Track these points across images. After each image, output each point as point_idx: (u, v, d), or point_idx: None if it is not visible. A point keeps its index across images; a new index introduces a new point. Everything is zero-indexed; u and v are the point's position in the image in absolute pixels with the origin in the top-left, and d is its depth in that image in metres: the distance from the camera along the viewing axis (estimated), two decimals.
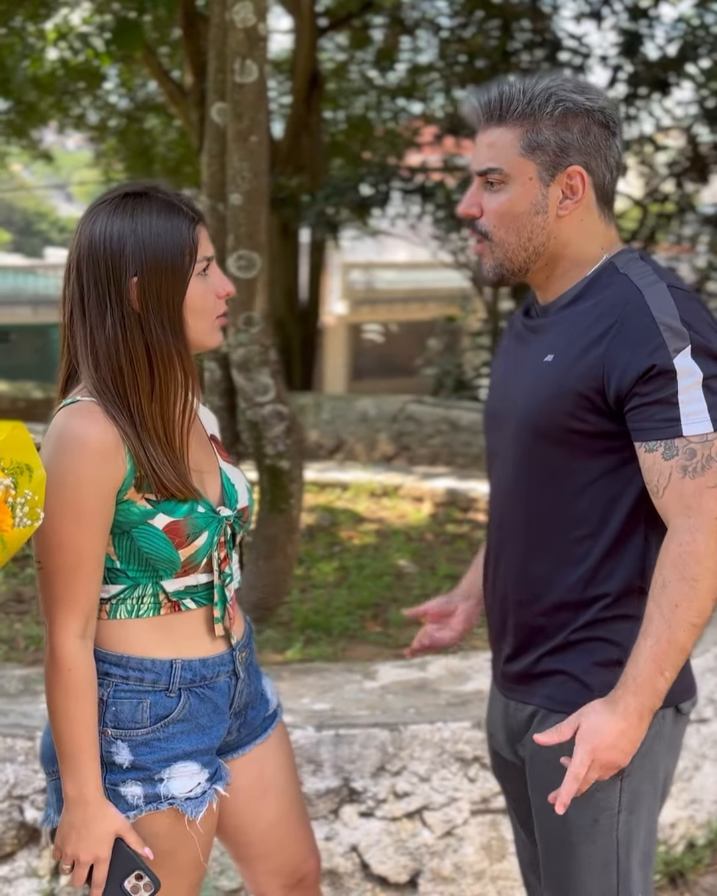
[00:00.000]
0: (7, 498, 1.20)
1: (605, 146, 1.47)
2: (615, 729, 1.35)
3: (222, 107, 3.16)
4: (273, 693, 1.69)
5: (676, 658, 1.35)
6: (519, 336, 1.59)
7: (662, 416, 1.37)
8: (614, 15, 7.92)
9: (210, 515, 1.46)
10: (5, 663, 2.91)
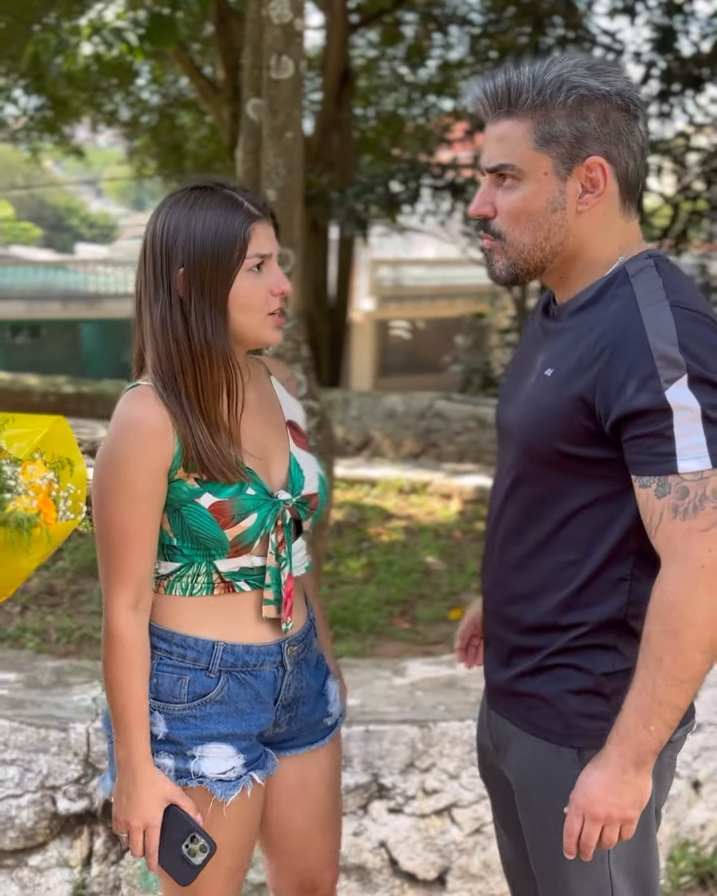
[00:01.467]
0: (51, 492, 1.22)
1: (627, 131, 1.34)
2: (597, 782, 1.31)
3: (258, 103, 3.17)
4: (337, 699, 1.68)
5: (662, 713, 1.28)
6: (535, 337, 1.52)
7: (656, 450, 1.27)
8: (648, 10, 7.85)
9: (262, 498, 1.48)
10: (38, 655, 2.93)
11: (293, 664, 1.58)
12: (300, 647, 1.59)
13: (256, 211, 1.46)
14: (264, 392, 1.60)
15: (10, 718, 2.31)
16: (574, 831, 1.34)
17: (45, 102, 10.44)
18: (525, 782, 1.45)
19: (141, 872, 2.33)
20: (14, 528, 1.21)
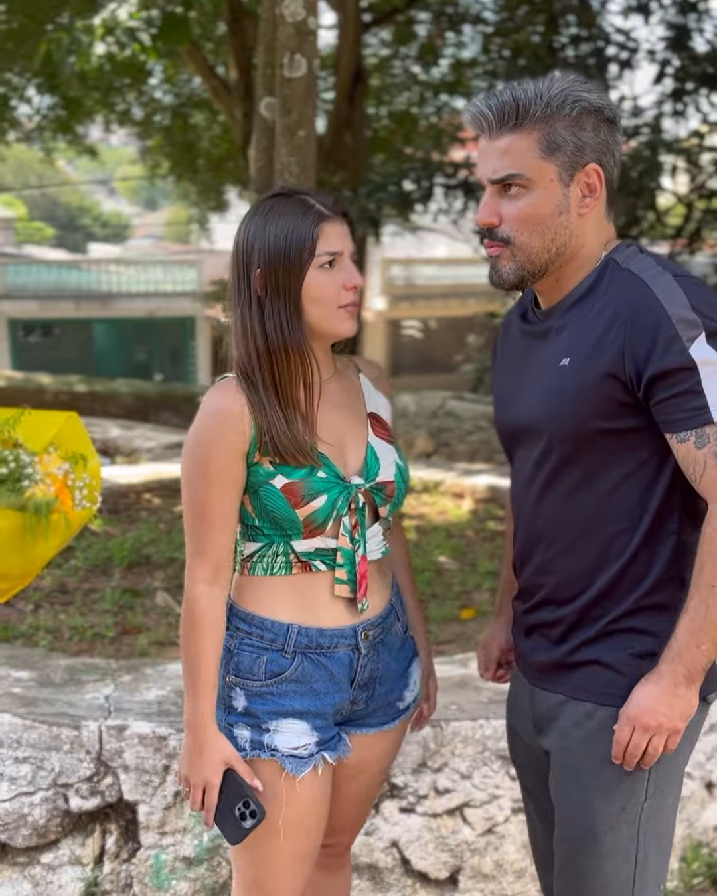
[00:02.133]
0: (67, 481, 1.26)
1: (612, 141, 1.50)
2: (648, 694, 1.43)
3: (271, 101, 3.16)
4: (417, 684, 1.77)
5: (713, 633, 1.41)
6: (518, 342, 1.61)
7: (689, 406, 1.39)
8: (662, 9, 7.82)
9: (332, 481, 1.59)
10: (51, 653, 2.94)
11: (369, 647, 1.66)
12: (377, 630, 1.67)
13: (326, 212, 1.58)
14: (349, 385, 1.70)
15: (23, 716, 2.31)
16: (624, 740, 1.45)
17: (59, 102, 10.47)
18: (568, 743, 1.52)
19: (153, 871, 2.33)
20: (33, 513, 1.26)
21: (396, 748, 1.79)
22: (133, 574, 3.92)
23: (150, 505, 4.88)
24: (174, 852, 2.33)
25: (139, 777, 2.30)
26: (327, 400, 1.64)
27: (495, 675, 1.83)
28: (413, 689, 1.76)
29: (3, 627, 3.26)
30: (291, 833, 1.62)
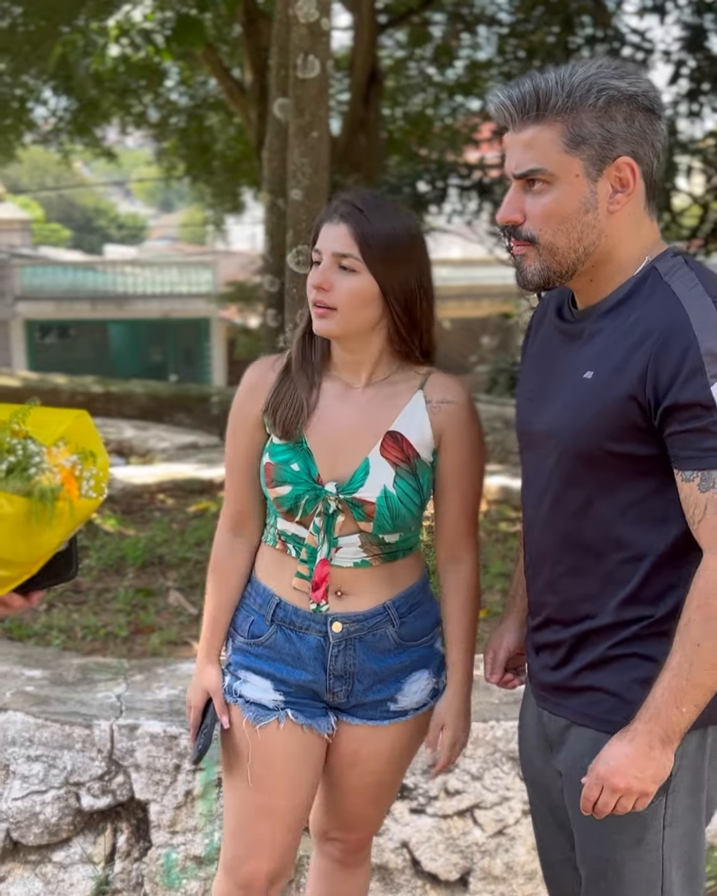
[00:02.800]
0: (74, 471, 1.29)
1: (651, 131, 1.38)
2: (621, 754, 1.36)
3: (284, 102, 3.16)
4: (422, 693, 1.75)
5: (695, 695, 1.33)
6: (551, 339, 1.52)
7: (701, 445, 1.31)
8: (677, 9, 7.79)
9: (302, 477, 1.65)
10: (63, 652, 2.95)
11: (341, 639, 1.69)
12: (356, 626, 1.69)
13: (331, 213, 1.63)
14: (386, 397, 1.67)
15: (36, 715, 2.32)
16: (592, 797, 1.40)
17: (75, 104, 10.52)
18: (580, 772, 1.46)
19: (164, 869, 2.34)
20: (38, 499, 1.28)
21: (395, 751, 1.78)
22: (146, 574, 3.93)
23: (163, 505, 4.89)
24: (185, 851, 2.33)
25: (150, 776, 2.31)
26: (346, 405, 1.67)
27: (503, 680, 1.73)
28: (412, 696, 1.75)
29: (16, 626, 3.27)
30: (258, 787, 1.71)
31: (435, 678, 1.78)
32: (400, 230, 1.61)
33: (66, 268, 22.77)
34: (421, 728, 1.79)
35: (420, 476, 1.67)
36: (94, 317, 21.33)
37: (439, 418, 1.67)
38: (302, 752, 1.72)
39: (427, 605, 1.77)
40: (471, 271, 21.08)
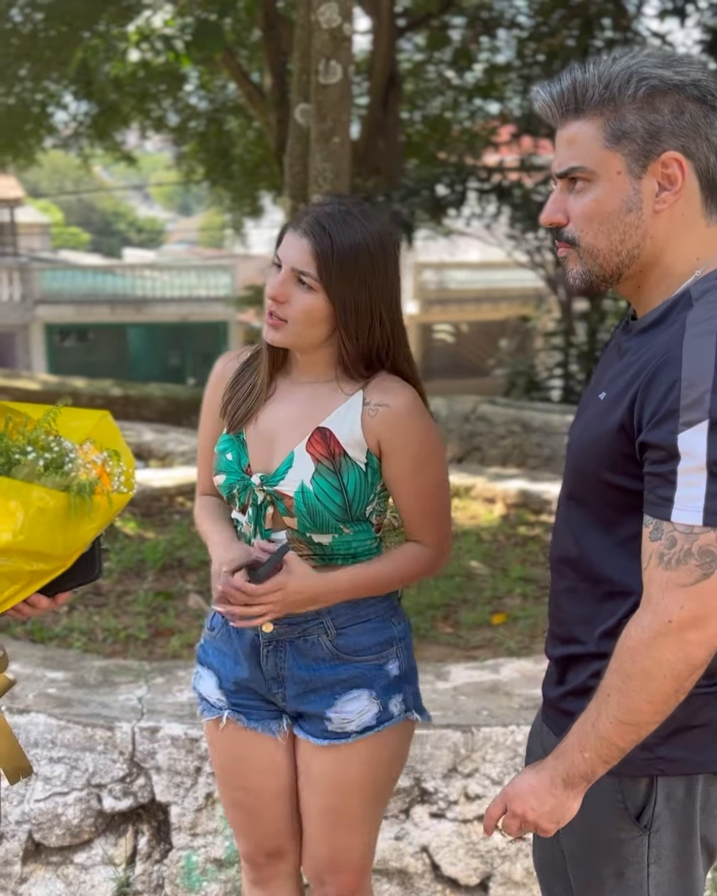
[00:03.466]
0: (105, 468, 1.33)
1: (705, 124, 1.27)
2: (526, 783, 1.34)
3: (306, 108, 3.18)
4: (362, 715, 1.68)
5: (599, 746, 1.27)
6: (612, 353, 1.45)
7: (659, 492, 1.24)
8: (698, 12, 7.77)
9: (234, 467, 1.68)
10: (85, 654, 2.97)
11: (270, 639, 1.68)
12: (286, 629, 1.66)
13: (298, 222, 1.59)
14: (326, 395, 1.65)
15: (58, 717, 2.34)
16: (494, 816, 1.39)
17: (95, 108, 10.58)
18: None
19: (184, 872, 2.34)
20: (76, 492, 1.33)
21: (339, 777, 1.70)
22: (166, 577, 3.95)
23: (182, 508, 4.91)
24: (205, 854, 2.34)
25: (171, 778, 2.32)
26: (288, 400, 1.67)
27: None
28: (350, 717, 1.67)
29: (38, 629, 3.29)
30: (222, 779, 1.80)
31: (379, 701, 1.68)
32: (362, 250, 1.55)
33: (86, 271, 22.90)
34: (371, 757, 1.70)
35: (344, 476, 1.61)
36: (113, 320, 21.42)
37: (374, 421, 1.61)
38: (252, 755, 1.72)
39: (379, 623, 1.68)
40: (490, 274, 21.05)
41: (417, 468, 1.64)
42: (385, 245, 1.58)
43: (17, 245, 23.63)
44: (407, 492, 1.65)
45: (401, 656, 1.72)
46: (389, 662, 1.70)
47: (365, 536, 1.68)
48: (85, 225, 38.19)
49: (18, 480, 1.32)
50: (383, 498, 1.69)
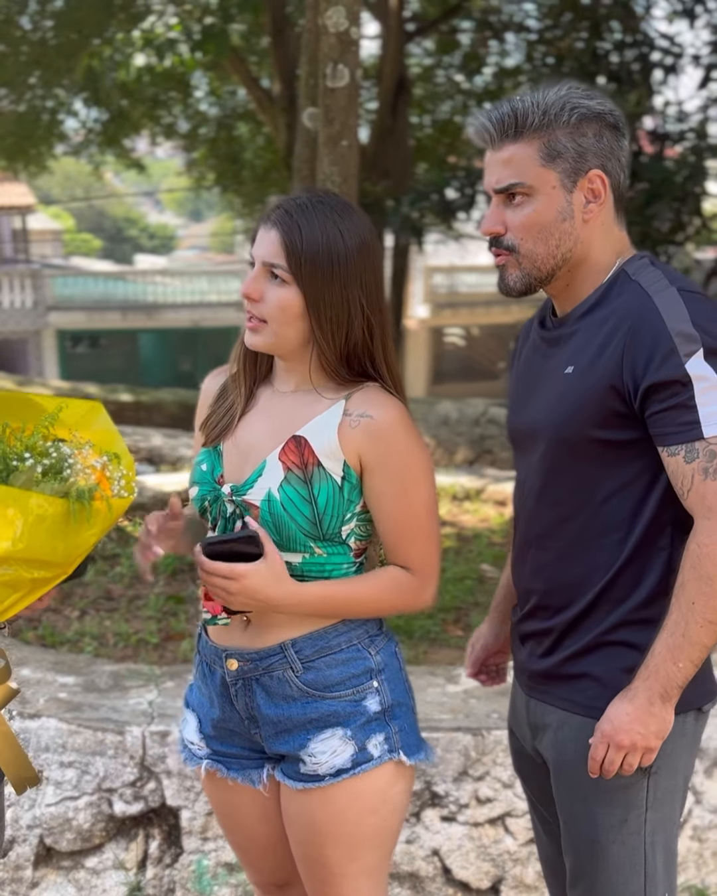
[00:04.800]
0: (105, 472, 1.32)
1: (617, 147, 1.50)
2: (623, 712, 1.42)
3: (314, 112, 3.18)
4: (336, 757, 1.54)
5: (691, 652, 1.39)
6: (536, 348, 1.61)
7: (681, 420, 1.39)
8: (707, 13, 7.75)
9: (206, 479, 1.61)
10: (96, 659, 2.97)
11: (237, 678, 1.57)
12: (250, 666, 1.55)
13: (267, 215, 1.53)
14: (305, 404, 1.56)
15: (69, 721, 2.34)
16: (599, 757, 1.44)
17: (105, 115, 10.63)
18: (567, 758, 1.52)
19: (195, 876, 2.34)
20: (76, 499, 1.32)
21: (316, 823, 1.55)
22: (176, 581, 3.95)
23: None
24: (216, 858, 2.34)
25: (182, 782, 2.32)
26: (266, 409, 1.60)
27: (477, 676, 1.82)
28: (322, 758, 1.54)
29: (49, 633, 3.30)
30: (218, 820, 1.75)
31: (354, 741, 1.53)
32: (335, 241, 1.46)
33: (97, 278, 22.97)
34: (346, 804, 1.54)
35: (315, 487, 1.50)
36: (124, 326, 21.48)
37: (354, 432, 1.50)
38: (242, 803, 1.65)
39: (351, 653, 1.54)
40: None
41: (400, 487, 1.51)
42: (362, 236, 1.50)
43: (29, 252, 23.75)
44: (387, 511, 1.52)
45: (383, 690, 1.56)
46: (367, 698, 1.54)
47: (341, 560, 1.54)
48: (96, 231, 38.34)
49: (16, 488, 1.30)
50: (363, 521, 1.55)
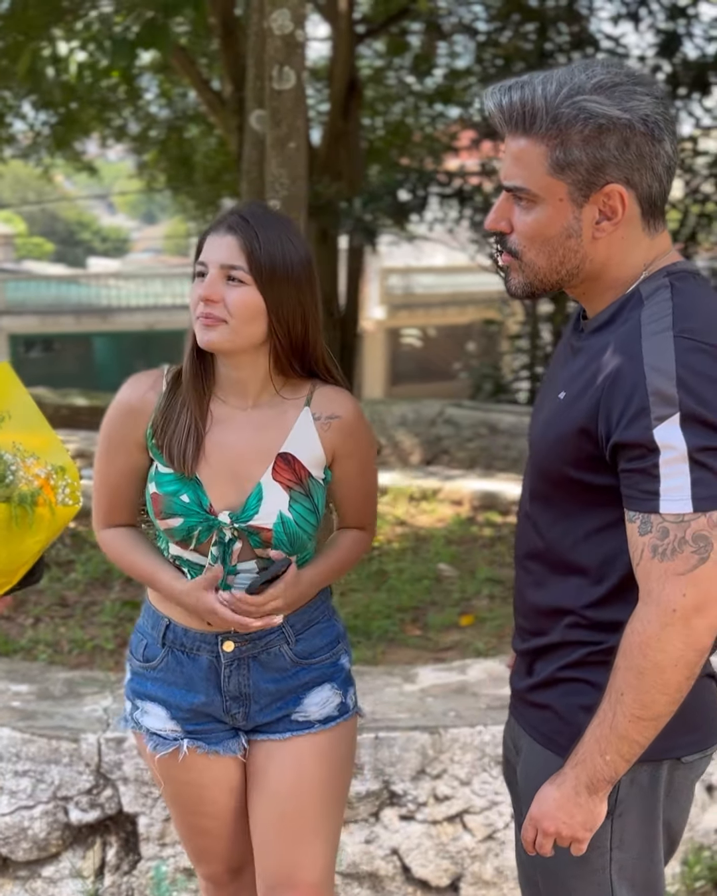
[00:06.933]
0: (49, 480, 1.34)
1: (651, 154, 1.29)
2: (550, 798, 1.35)
3: (261, 114, 3.18)
4: (327, 706, 1.70)
5: (619, 746, 1.29)
6: (564, 353, 1.50)
7: (642, 487, 1.26)
8: (651, 15, 7.86)
9: (193, 509, 1.59)
10: (50, 666, 2.94)
11: (232, 658, 1.65)
12: (248, 645, 1.65)
13: (218, 225, 1.58)
14: (273, 418, 1.62)
15: (22, 730, 2.32)
16: (529, 838, 1.40)
17: (54, 118, 10.52)
18: (530, 788, 1.46)
19: (154, 882, 2.33)
20: (18, 503, 1.33)
21: (303, 770, 1.68)
22: (133, 586, 3.93)
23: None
24: (175, 864, 2.33)
25: (139, 789, 2.31)
26: (233, 429, 1.61)
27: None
28: (314, 707, 1.69)
29: (3, 641, 3.26)
30: (176, 807, 1.76)
31: (340, 691, 1.72)
32: (288, 246, 1.56)
33: (50, 281, 22.77)
34: (331, 751, 1.70)
35: (314, 496, 1.63)
36: (78, 330, 21.29)
37: (329, 435, 1.64)
38: (214, 779, 1.70)
39: (326, 623, 1.72)
40: (455, 278, 21.13)
41: (363, 466, 1.70)
42: (306, 246, 1.62)
43: None
44: (355, 487, 1.71)
45: (347, 651, 1.77)
46: (341, 657, 1.74)
47: (313, 547, 1.70)
48: (49, 235, 37.95)
49: None
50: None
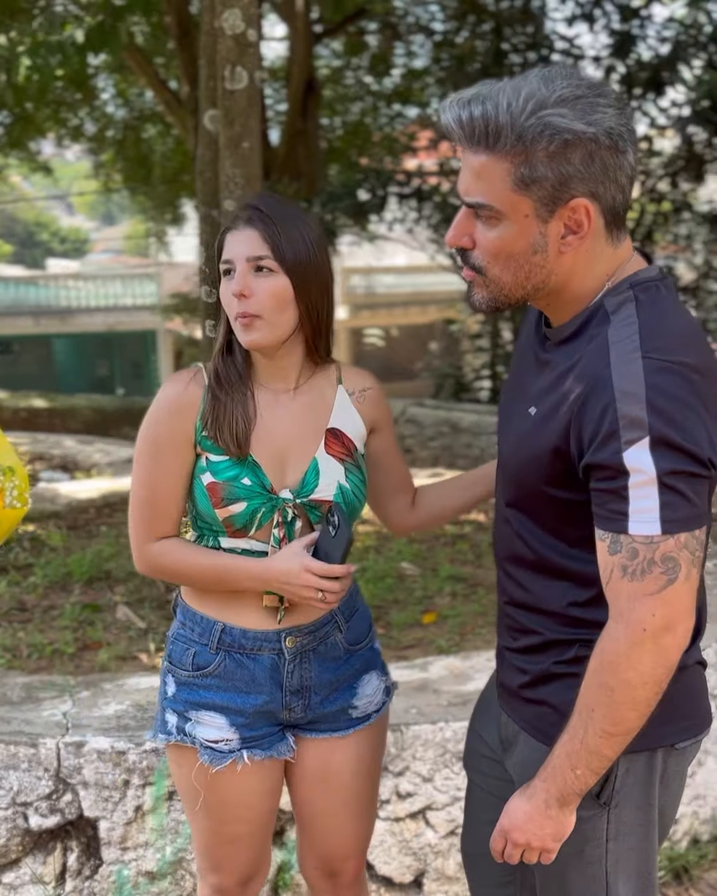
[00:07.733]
0: None
1: (614, 166, 1.28)
2: (520, 809, 1.37)
3: (214, 114, 3.17)
4: (374, 694, 1.77)
5: (589, 761, 1.31)
6: (524, 357, 1.49)
7: (612, 507, 1.27)
8: (605, 16, 7.94)
9: (256, 490, 1.60)
10: (8, 671, 2.91)
11: (295, 654, 1.67)
12: (308, 639, 1.68)
13: (237, 221, 1.61)
14: (316, 399, 1.68)
15: None
16: (498, 847, 1.42)
17: (9, 118, 10.41)
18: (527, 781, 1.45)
19: (116, 886, 2.32)
20: None
21: (365, 757, 1.77)
22: (93, 589, 3.90)
23: (109, 519, 4.85)
24: (137, 867, 2.32)
25: (99, 793, 2.29)
26: (282, 412, 1.65)
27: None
28: (369, 699, 1.76)
29: None
30: (213, 817, 1.71)
31: (384, 676, 1.80)
32: (306, 231, 1.60)
33: (8, 282, 22.50)
34: (383, 731, 1.81)
35: (363, 468, 1.70)
36: (37, 331, 21.07)
37: (366, 407, 1.72)
38: (260, 783, 1.71)
39: (363, 608, 1.79)
40: (416, 278, 21.19)
41: (393, 434, 1.79)
42: (320, 231, 1.66)
43: None
44: (396, 454, 1.78)
45: (376, 633, 1.83)
46: (375, 641, 1.80)
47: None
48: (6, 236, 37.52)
49: None
50: None
